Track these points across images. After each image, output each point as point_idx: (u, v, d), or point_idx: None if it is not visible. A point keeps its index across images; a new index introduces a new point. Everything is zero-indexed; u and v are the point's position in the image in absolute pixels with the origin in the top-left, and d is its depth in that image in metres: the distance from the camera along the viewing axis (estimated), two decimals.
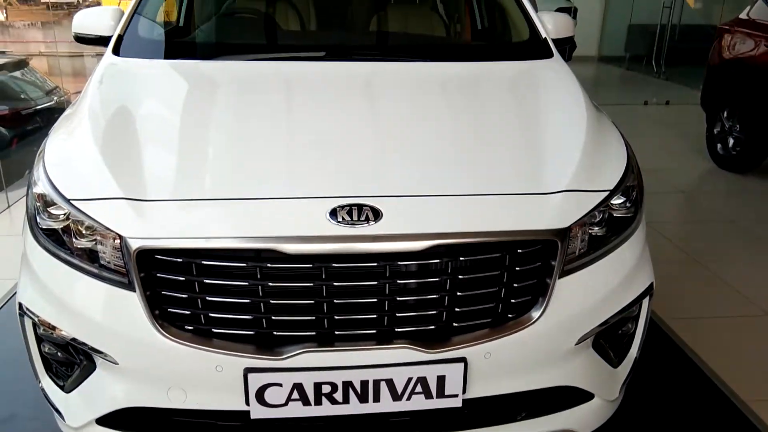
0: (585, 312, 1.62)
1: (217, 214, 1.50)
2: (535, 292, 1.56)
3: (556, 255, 1.53)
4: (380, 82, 2.19)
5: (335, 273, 1.45)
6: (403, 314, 1.50)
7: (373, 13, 2.82)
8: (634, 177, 1.82)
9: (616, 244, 1.70)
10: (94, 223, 1.49)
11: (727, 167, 5.26)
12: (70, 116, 1.96)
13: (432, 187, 1.58)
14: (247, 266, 1.44)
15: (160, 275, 1.46)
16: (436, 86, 2.19)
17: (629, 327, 1.81)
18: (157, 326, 1.45)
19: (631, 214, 1.75)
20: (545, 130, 1.90)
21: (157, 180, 1.59)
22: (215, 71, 2.21)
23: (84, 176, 1.61)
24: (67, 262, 1.55)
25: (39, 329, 1.64)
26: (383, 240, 1.45)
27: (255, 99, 2.00)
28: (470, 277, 1.50)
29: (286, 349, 1.47)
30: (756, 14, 5.04)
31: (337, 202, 1.49)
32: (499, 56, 2.42)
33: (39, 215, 1.61)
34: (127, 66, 2.20)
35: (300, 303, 1.47)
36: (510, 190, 1.60)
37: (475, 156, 1.75)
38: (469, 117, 1.99)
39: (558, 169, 1.69)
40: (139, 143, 1.73)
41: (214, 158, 1.71)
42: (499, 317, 1.55)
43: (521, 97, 2.18)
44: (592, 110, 2.02)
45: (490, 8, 2.90)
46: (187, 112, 1.95)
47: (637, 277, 1.76)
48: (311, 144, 1.74)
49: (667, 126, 7.03)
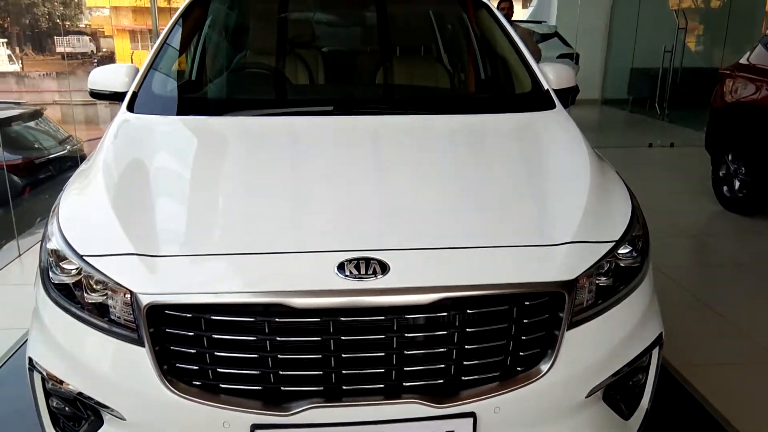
0: (595, 364, 1.61)
1: (226, 269, 1.52)
2: (543, 344, 1.55)
3: (564, 307, 1.54)
4: (386, 136, 2.23)
5: (343, 327, 1.46)
6: (412, 368, 1.50)
7: (379, 65, 2.90)
8: (640, 226, 1.83)
9: (624, 295, 1.70)
10: (105, 278, 1.51)
11: (734, 209, 5.25)
12: (84, 172, 2.00)
13: (439, 240, 1.60)
14: (256, 321, 1.45)
15: (170, 330, 1.47)
16: (441, 139, 2.24)
17: (640, 378, 1.80)
18: (165, 382, 1.46)
19: (637, 263, 1.75)
20: (549, 182, 1.93)
21: (168, 235, 1.62)
22: (226, 127, 2.27)
23: (97, 232, 1.64)
24: (77, 317, 1.56)
25: (48, 384, 1.64)
26: (391, 293, 1.46)
27: (264, 154, 2.04)
28: (478, 329, 1.50)
29: (293, 405, 1.47)
30: (756, 59, 5.12)
31: (344, 256, 1.50)
32: (503, 108, 2.46)
33: (51, 270, 1.64)
34: (140, 123, 2.26)
35: (308, 357, 1.47)
36: (516, 242, 1.62)
37: (480, 208, 1.77)
38: (474, 170, 2.02)
39: (563, 221, 1.70)
40: (151, 199, 1.77)
41: (224, 213, 1.74)
42: (507, 370, 1.54)
43: (525, 150, 2.21)
44: (595, 160, 2.05)
45: (493, 59, 2.97)
46: (198, 168, 2.00)
47: (646, 327, 1.75)
48: (319, 198, 1.77)
49: (673, 168, 7.06)
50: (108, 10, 22.49)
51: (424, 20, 3.31)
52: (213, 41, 3.02)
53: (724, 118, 5.34)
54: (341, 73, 3.04)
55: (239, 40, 3.15)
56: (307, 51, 2.96)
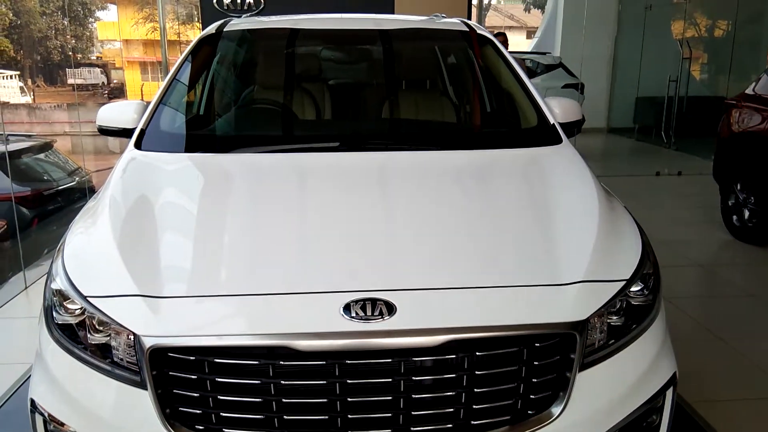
0: (608, 406, 1.57)
1: (230, 310, 1.50)
2: (555, 386, 1.52)
3: (576, 348, 1.50)
4: (392, 174, 2.23)
5: (349, 370, 1.43)
6: (419, 412, 1.46)
7: (385, 99, 2.91)
8: (651, 264, 1.80)
9: (637, 334, 1.67)
10: (108, 319, 1.50)
11: (744, 239, 5.20)
12: (90, 209, 2.00)
13: (446, 280, 1.58)
14: (260, 363, 1.43)
15: (173, 373, 1.44)
16: (448, 177, 2.23)
17: (654, 419, 1.75)
18: (167, 425, 1.43)
19: (649, 301, 1.72)
20: (558, 220, 1.90)
21: (172, 276, 1.60)
22: (232, 165, 2.28)
23: (101, 272, 1.63)
24: (79, 358, 1.55)
25: (49, 426, 1.62)
26: (397, 335, 1.43)
27: (270, 194, 2.04)
28: (488, 372, 1.47)
29: None
30: (762, 90, 5.12)
31: (350, 297, 1.48)
32: (509, 143, 2.46)
33: (55, 310, 1.62)
34: (147, 160, 2.26)
35: (313, 402, 1.44)
36: (526, 282, 1.59)
37: (488, 248, 1.75)
38: (481, 208, 2.00)
39: (573, 260, 1.68)
40: (157, 239, 1.76)
41: (229, 254, 1.72)
42: (518, 414, 1.51)
43: (532, 187, 2.20)
44: (603, 197, 2.03)
45: (499, 93, 2.98)
46: (203, 208, 1.99)
47: (659, 367, 1.71)
48: (325, 238, 1.76)
49: (681, 197, 7.02)
50: (119, 42, 22.92)
51: (429, 55, 3.33)
52: (221, 78, 3.05)
53: (731, 147, 5.33)
54: (347, 107, 3.05)
55: (247, 76, 3.18)
56: (314, 85, 2.98)
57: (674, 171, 8.30)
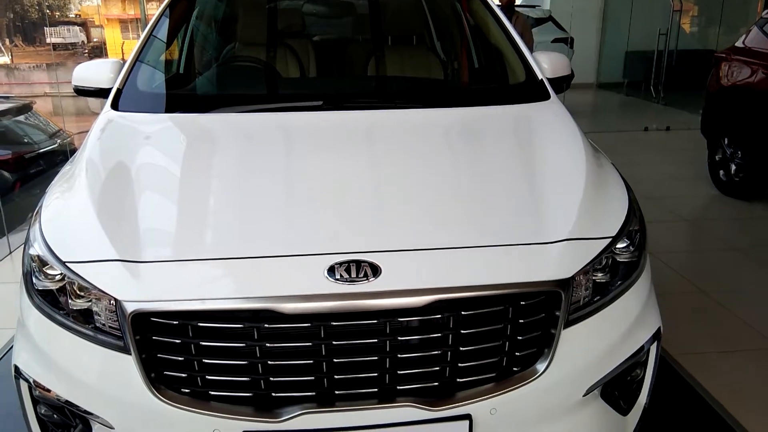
0: (592, 362, 1.58)
1: (212, 274, 1.48)
2: (539, 344, 1.53)
3: (560, 305, 1.50)
4: (378, 133, 2.18)
5: (334, 332, 1.43)
6: (406, 371, 1.47)
7: (371, 55, 2.84)
8: (637, 220, 1.80)
9: (622, 291, 1.67)
10: (89, 285, 1.47)
11: (731, 194, 5.23)
12: (67, 173, 1.96)
13: (431, 240, 1.56)
14: (245, 327, 1.41)
15: (156, 338, 1.43)
16: (434, 135, 2.19)
17: (638, 373, 1.77)
18: (152, 390, 1.42)
19: (635, 258, 1.72)
20: (544, 178, 1.89)
21: (152, 240, 1.57)
22: (213, 125, 2.21)
23: (80, 237, 1.60)
24: (61, 324, 1.53)
25: (35, 391, 1.61)
26: (383, 297, 1.42)
27: (252, 155, 1.99)
28: (473, 331, 1.47)
29: (285, 411, 1.44)
30: (751, 42, 5.07)
31: (334, 259, 1.47)
32: (496, 100, 2.41)
33: (35, 276, 1.60)
34: (124, 122, 2.20)
35: (299, 363, 1.43)
36: (510, 240, 1.58)
37: (474, 207, 1.73)
38: (467, 167, 1.98)
39: (559, 218, 1.67)
40: (136, 202, 1.72)
41: (210, 217, 1.69)
42: (503, 371, 1.51)
43: (519, 144, 2.17)
44: (591, 153, 2.01)
45: (487, 48, 2.92)
46: (184, 169, 1.94)
47: (644, 322, 1.72)
48: (308, 200, 1.73)
49: (669, 152, 7.02)
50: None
51: (416, 9, 3.25)
52: (200, 34, 2.95)
53: (719, 101, 5.30)
54: (332, 64, 2.98)
55: (227, 31, 3.08)
56: (297, 42, 2.90)
57: (662, 126, 8.29)
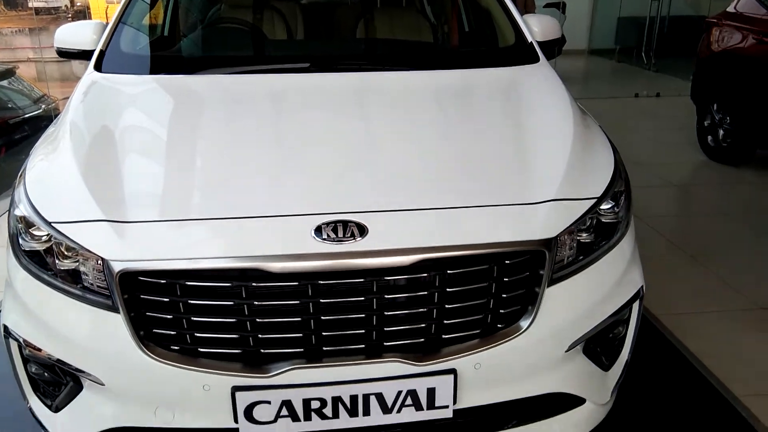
0: (575, 319, 1.61)
1: (200, 234, 1.49)
2: (524, 301, 1.55)
3: (545, 264, 1.53)
4: (366, 95, 2.17)
5: (322, 290, 1.44)
6: (392, 328, 1.49)
7: (359, 18, 2.80)
8: (622, 181, 1.81)
9: (605, 250, 1.70)
10: (75, 245, 1.48)
11: (718, 159, 5.27)
12: (51, 135, 1.94)
13: (418, 200, 1.57)
14: (232, 286, 1.43)
15: (144, 297, 1.44)
16: (422, 97, 2.18)
17: (620, 330, 1.81)
18: (142, 347, 1.44)
19: (619, 219, 1.74)
20: (531, 139, 1.89)
21: (138, 200, 1.57)
22: (199, 86, 2.19)
23: (65, 198, 1.59)
24: (50, 284, 1.53)
25: (24, 350, 1.62)
26: (369, 256, 1.44)
27: (238, 116, 1.98)
28: (458, 289, 1.49)
29: (273, 367, 1.46)
30: (743, 7, 5.04)
31: (321, 219, 1.48)
32: (485, 63, 2.40)
33: (21, 237, 1.60)
34: (108, 83, 2.17)
35: (287, 321, 1.45)
36: (496, 201, 1.59)
37: (460, 168, 1.74)
38: (454, 128, 1.98)
39: (545, 179, 1.68)
40: (121, 163, 1.71)
41: (197, 177, 1.69)
42: (488, 328, 1.54)
43: (507, 106, 2.17)
44: (578, 115, 2.01)
45: (477, 11, 2.89)
46: (169, 130, 1.93)
47: (627, 282, 1.75)
48: (295, 161, 1.73)
49: (659, 118, 7.03)
50: None
51: None
52: None
53: (709, 67, 5.30)
54: (320, 26, 2.94)
55: None
56: (285, 4, 2.86)
57: (653, 93, 8.28)
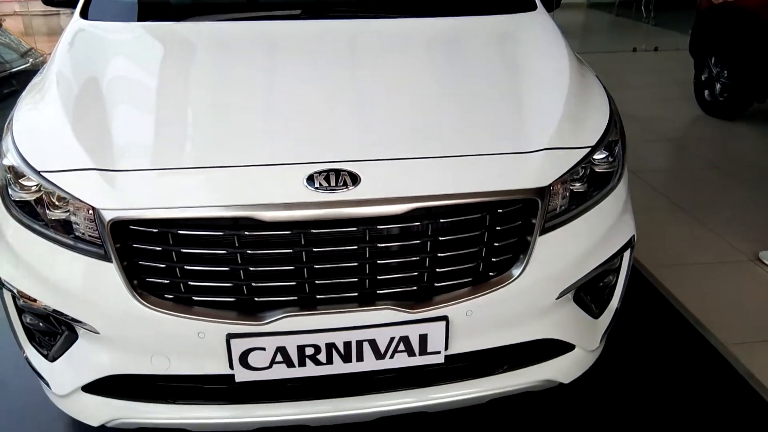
0: (565, 268, 1.62)
1: (190, 182, 1.47)
2: (515, 250, 1.56)
3: (537, 213, 1.53)
4: (358, 42, 2.13)
5: (314, 239, 1.44)
6: (385, 276, 1.50)
7: None
8: (617, 132, 1.80)
9: (598, 200, 1.70)
10: (65, 194, 1.47)
11: (714, 114, 5.24)
12: (37, 84, 1.90)
13: (411, 149, 1.56)
14: (225, 234, 1.43)
15: (136, 246, 1.44)
16: (416, 45, 2.14)
17: (610, 279, 1.83)
18: (136, 296, 1.45)
19: (613, 168, 1.74)
20: (526, 87, 1.87)
21: (128, 149, 1.55)
22: (188, 33, 2.14)
23: (53, 146, 1.57)
24: (41, 234, 1.53)
25: (19, 301, 1.63)
26: (362, 205, 1.43)
27: (229, 64, 1.94)
28: (451, 238, 1.50)
29: (267, 314, 1.48)
30: None
31: (313, 168, 1.46)
32: (481, 10, 2.35)
33: (10, 187, 1.58)
34: (95, 30, 2.12)
35: (280, 269, 1.46)
36: (490, 150, 1.58)
37: (454, 117, 1.72)
38: (448, 76, 1.94)
39: (539, 127, 1.66)
40: (110, 111, 1.68)
41: (187, 126, 1.66)
42: (480, 276, 1.55)
43: (502, 54, 2.13)
44: (575, 64, 1.98)
45: None
46: (158, 78, 1.89)
47: (618, 231, 1.76)
48: (287, 108, 1.70)
49: (656, 73, 6.95)
50: None
51: None
52: None
53: (708, 20, 5.21)
54: None
55: None
56: None
57: (651, 47, 8.17)
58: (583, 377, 1.83)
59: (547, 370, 1.72)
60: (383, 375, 1.60)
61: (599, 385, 2.16)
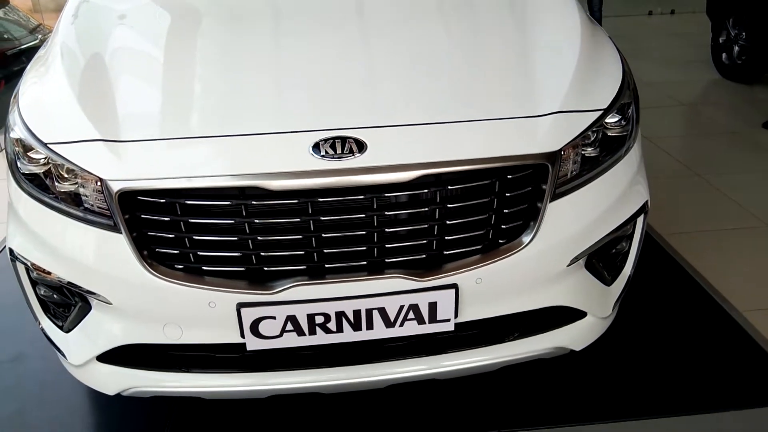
0: (577, 234, 1.60)
1: (197, 152, 1.47)
2: (525, 216, 1.54)
3: (547, 179, 1.50)
4: (364, 8, 2.08)
5: (322, 207, 1.43)
6: (393, 245, 1.49)
7: None
8: (630, 94, 1.76)
9: (610, 165, 1.66)
10: (73, 166, 1.47)
11: (732, 77, 5.12)
12: (42, 57, 1.89)
13: (418, 115, 1.53)
14: (232, 204, 1.42)
15: (145, 216, 1.44)
16: (423, 9, 2.08)
17: (623, 245, 1.80)
18: (146, 266, 1.45)
19: (626, 132, 1.70)
20: (537, 50, 1.82)
21: (134, 119, 1.55)
22: (192, 1, 2.11)
23: (60, 118, 1.57)
24: (51, 207, 1.53)
25: (32, 273, 1.65)
26: (368, 172, 1.42)
27: (235, 32, 1.92)
28: (459, 205, 1.48)
29: (277, 284, 1.48)
30: None
31: (319, 136, 1.45)
32: None
33: (19, 160, 1.58)
34: (98, 1, 2.09)
35: (289, 238, 1.46)
36: (499, 114, 1.55)
37: (463, 81, 1.69)
38: (456, 40, 1.90)
39: (550, 90, 1.63)
40: (115, 82, 1.67)
41: (193, 95, 1.65)
42: (490, 243, 1.54)
43: (512, 15, 2.08)
44: (587, 25, 1.93)
45: None
46: (164, 48, 1.87)
47: (631, 196, 1.73)
48: (293, 77, 1.68)
49: (672, 36, 6.80)
50: None
51: None
52: None
53: None
54: None
55: None
56: None
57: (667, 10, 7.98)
58: (596, 344, 1.82)
59: (558, 338, 1.71)
60: (394, 343, 1.61)
61: (612, 353, 2.15)
